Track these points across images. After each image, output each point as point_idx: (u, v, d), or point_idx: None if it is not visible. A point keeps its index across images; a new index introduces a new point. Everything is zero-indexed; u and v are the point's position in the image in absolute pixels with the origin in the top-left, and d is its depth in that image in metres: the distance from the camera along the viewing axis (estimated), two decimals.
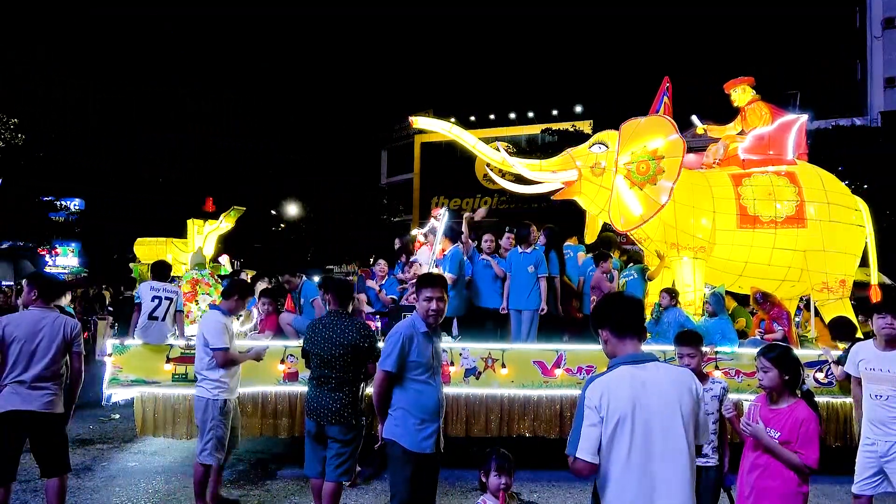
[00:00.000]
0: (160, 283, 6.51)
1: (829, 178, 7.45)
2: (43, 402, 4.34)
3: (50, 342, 4.39)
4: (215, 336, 4.93)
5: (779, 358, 3.42)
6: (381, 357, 3.76)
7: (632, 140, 6.94)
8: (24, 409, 4.29)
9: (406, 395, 3.70)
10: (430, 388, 3.72)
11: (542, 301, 6.89)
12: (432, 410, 3.71)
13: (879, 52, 26.51)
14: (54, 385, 4.41)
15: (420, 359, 3.70)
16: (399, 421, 3.69)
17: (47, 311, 4.53)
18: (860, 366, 4.35)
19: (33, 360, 4.34)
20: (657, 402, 2.46)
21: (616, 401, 2.44)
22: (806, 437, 3.28)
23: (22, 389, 4.30)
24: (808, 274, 7.06)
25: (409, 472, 3.66)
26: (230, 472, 6.28)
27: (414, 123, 7.53)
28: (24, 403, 4.30)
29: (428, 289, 3.79)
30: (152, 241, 12.67)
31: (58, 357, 4.42)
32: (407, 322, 3.82)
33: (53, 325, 4.44)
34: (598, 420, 2.45)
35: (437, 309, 3.76)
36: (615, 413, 2.43)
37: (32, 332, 4.38)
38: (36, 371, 4.34)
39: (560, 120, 29.30)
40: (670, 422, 2.45)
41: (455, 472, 5.85)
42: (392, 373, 3.67)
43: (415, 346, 3.69)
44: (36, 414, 4.31)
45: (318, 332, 4.42)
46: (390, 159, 37.74)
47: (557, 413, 6.12)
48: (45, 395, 4.36)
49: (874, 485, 4.21)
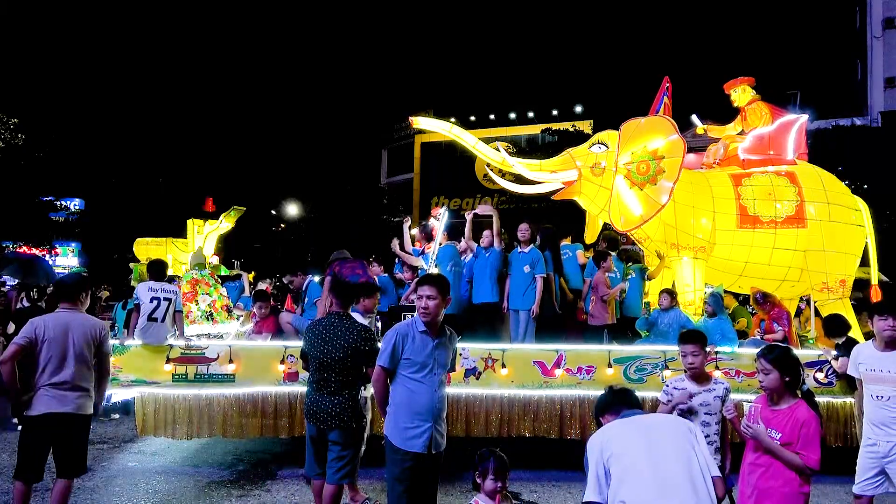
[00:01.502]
0: (158, 283, 6.50)
1: (829, 178, 7.45)
2: (77, 403, 4.37)
3: (81, 343, 4.40)
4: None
5: (779, 359, 3.42)
6: (380, 353, 3.86)
7: (632, 140, 6.94)
8: (60, 412, 4.30)
9: (399, 392, 3.77)
10: (423, 388, 3.73)
11: (535, 303, 6.87)
12: (425, 409, 3.71)
13: (879, 52, 26.49)
14: (87, 386, 4.43)
15: (414, 357, 3.73)
16: (391, 418, 3.77)
17: (76, 313, 4.53)
18: (860, 367, 4.35)
19: (66, 362, 4.35)
20: (650, 423, 2.71)
21: (610, 435, 2.65)
22: (807, 438, 3.28)
23: (57, 392, 4.31)
24: (808, 274, 7.06)
25: (398, 470, 3.68)
26: (230, 472, 6.29)
27: (414, 123, 7.53)
28: (60, 405, 4.31)
29: (420, 287, 3.88)
30: (152, 241, 12.66)
31: (88, 358, 4.44)
32: (407, 321, 3.93)
33: (83, 326, 4.45)
34: (597, 463, 2.59)
35: (425, 307, 3.78)
36: (611, 445, 2.59)
37: (63, 334, 4.37)
38: (70, 372, 4.34)
39: (560, 120, 29.27)
40: (667, 434, 2.62)
41: (455, 473, 5.85)
42: (387, 368, 3.77)
43: (409, 344, 3.74)
44: (70, 415, 4.34)
45: (317, 333, 4.38)
46: (390, 159, 37.71)
47: (557, 413, 6.12)
48: (80, 396, 4.38)
49: (875, 485, 4.21)
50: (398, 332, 3.80)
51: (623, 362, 6.11)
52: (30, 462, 4.33)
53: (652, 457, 2.49)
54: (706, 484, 2.47)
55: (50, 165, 25.32)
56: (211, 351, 6.15)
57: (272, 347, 6.28)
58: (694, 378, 4.06)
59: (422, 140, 33.04)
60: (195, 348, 6.17)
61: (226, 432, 6.16)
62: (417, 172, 34.26)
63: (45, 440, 4.34)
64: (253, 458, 6.74)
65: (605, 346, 6.49)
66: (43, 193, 25.29)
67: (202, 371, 6.10)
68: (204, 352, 6.14)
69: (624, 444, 2.57)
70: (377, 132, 37.62)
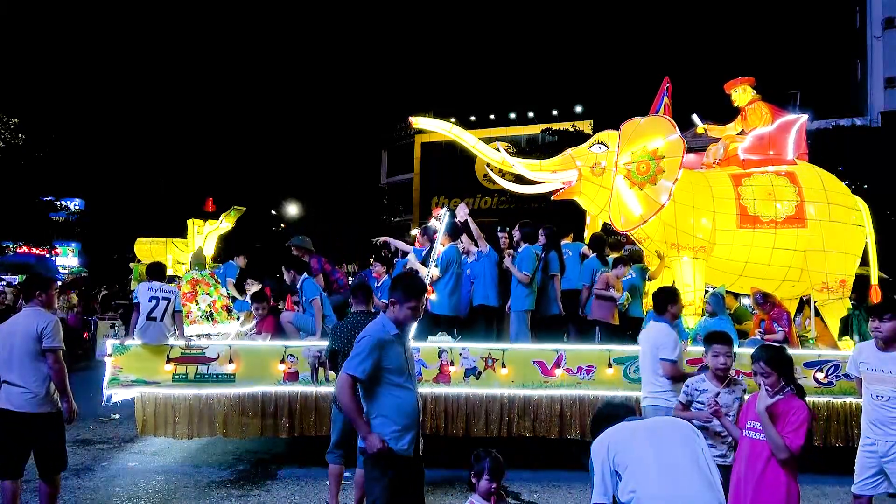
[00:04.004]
0: (158, 283, 6.51)
1: (829, 178, 7.44)
2: (21, 400, 4.39)
3: (18, 342, 4.43)
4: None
5: (775, 360, 3.58)
6: (350, 360, 3.48)
7: (632, 140, 6.94)
8: (6, 408, 4.40)
9: (385, 401, 3.49)
10: (407, 393, 3.55)
11: (525, 301, 6.84)
12: (412, 415, 3.55)
13: (879, 52, 26.47)
14: (33, 384, 4.41)
15: (395, 363, 3.51)
16: (379, 429, 3.46)
17: (29, 309, 4.59)
18: (861, 366, 4.35)
19: (12, 359, 4.41)
20: (653, 423, 2.87)
21: (616, 437, 2.68)
22: (795, 422, 3.44)
23: (6, 387, 4.41)
24: (808, 274, 7.05)
25: (388, 479, 3.46)
26: (230, 472, 6.29)
27: (414, 124, 7.53)
28: (6, 402, 4.40)
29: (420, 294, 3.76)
30: (152, 241, 12.67)
31: (28, 355, 4.42)
32: (377, 326, 3.59)
33: (26, 322, 4.48)
34: (603, 463, 2.63)
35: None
36: (617, 445, 2.63)
37: (9, 332, 4.47)
38: (12, 370, 4.41)
39: (560, 120, 29.27)
40: (672, 430, 2.74)
41: (455, 473, 5.85)
42: (360, 378, 3.42)
43: (388, 350, 3.50)
44: (16, 413, 4.38)
45: (345, 331, 4.78)
46: (390, 159, 37.73)
47: (557, 413, 6.12)
48: (23, 393, 4.40)
49: (874, 485, 4.22)
50: (378, 340, 3.48)
51: (623, 362, 6.11)
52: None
53: (659, 449, 2.59)
54: (712, 473, 2.57)
55: (50, 165, 25.32)
56: (211, 351, 6.16)
57: (272, 347, 6.29)
58: (719, 378, 4.11)
59: (422, 140, 33.07)
60: (195, 348, 6.17)
61: (226, 432, 6.17)
62: (417, 172, 34.29)
63: (6, 435, 4.42)
64: (253, 458, 6.74)
65: (604, 346, 6.49)
66: (43, 193, 25.30)
67: (202, 371, 6.11)
68: (204, 352, 6.15)
69: (630, 441, 2.64)
70: (377, 132, 37.61)
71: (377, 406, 3.49)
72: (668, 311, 5.00)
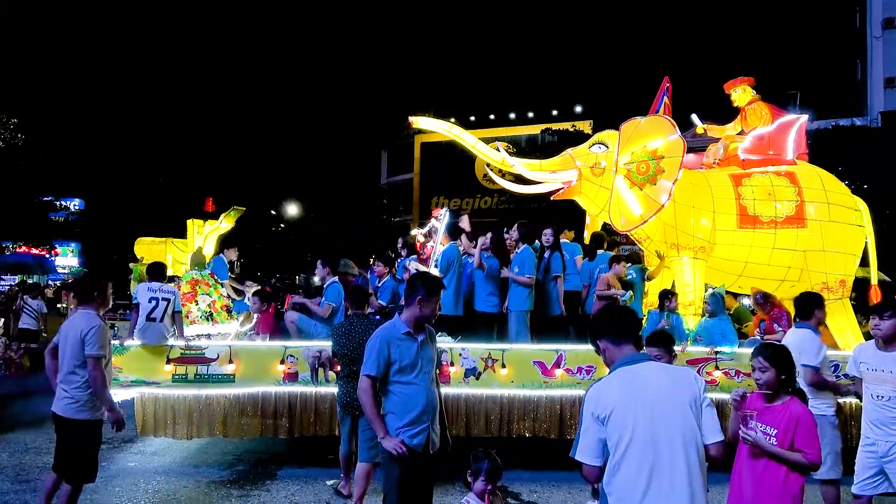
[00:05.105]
0: (157, 283, 6.51)
1: (829, 178, 7.44)
2: (61, 405, 4.42)
3: (69, 345, 4.42)
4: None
5: (775, 356, 3.47)
6: (363, 362, 3.74)
7: (632, 140, 6.94)
8: (53, 411, 4.46)
9: (392, 398, 3.71)
10: (416, 389, 3.70)
11: (524, 301, 6.82)
12: (421, 409, 3.69)
13: (879, 52, 26.44)
14: (74, 390, 4.40)
15: (403, 360, 3.69)
16: (389, 425, 3.69)
17: (82, 311, 4.58)
18: (861, 366, 4.35)
19: (63, 363, 4.45)
20: (651, 394, 2.55)
21: (609, 398, 2.54)
22: (805, 434, 3.32)
23: (58, 390, 4.46)
24: (808, 274, 7.05)
25: (399, 472, 3.64)
26: (230, 472, 6.29)
27: (414, 124, 7.53)
28: (54, 405, 4.46)
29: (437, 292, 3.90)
30: (152, 241, 12.65)
31: (73, 361, 4.41)
32: (387, 325, 3.85)
33: (77, 325, 4.45)
34: (594, 422, 2.54)
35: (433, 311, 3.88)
36: (608, 409, 2.51)
37: (64, 335, 4.48)
38: (61, 374, 4.44)
39: (560, 120, 29.23)
40: (667, 410, 2.52)
41: (455, 473, 5.84)
42: (374, 376, 3.68)
43: (395, 348, 3.70)
44: (59, 417, 4.44)
45: (342, 334, 5.15)
46: (390, 159, 37.69)
47: (557, 413, 6.12)
48: (64, 398, 4.42)
49: (874, 485, 4.22)
50: (382, 339, 3.71)
51: None
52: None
53: (653, 427, 2.47)
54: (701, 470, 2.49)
55: (50, 165, 25.34)
56: (211, 351, 6.16)
57: (272, 348, 6.29)
58: None
59: (422, 140, 33.03)
60: (195, 348, 6.17)
61: (226, 432, 6.17)
62: (417, 172, 34.25)
63: (57, 436, 4.52)
64: (253, 458, 6.74)
65: None
66: (43, 193, 25.30)
67: (202, 371, 6.11)
68: (204, 352, 6.15)
69: (617, 402, 2.51)
70: (377, 132, 37.56)
71: (387, 403, 3.75)
72: (814, 317, 4.92)
